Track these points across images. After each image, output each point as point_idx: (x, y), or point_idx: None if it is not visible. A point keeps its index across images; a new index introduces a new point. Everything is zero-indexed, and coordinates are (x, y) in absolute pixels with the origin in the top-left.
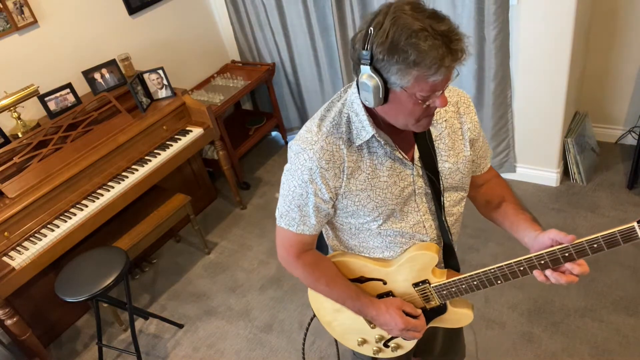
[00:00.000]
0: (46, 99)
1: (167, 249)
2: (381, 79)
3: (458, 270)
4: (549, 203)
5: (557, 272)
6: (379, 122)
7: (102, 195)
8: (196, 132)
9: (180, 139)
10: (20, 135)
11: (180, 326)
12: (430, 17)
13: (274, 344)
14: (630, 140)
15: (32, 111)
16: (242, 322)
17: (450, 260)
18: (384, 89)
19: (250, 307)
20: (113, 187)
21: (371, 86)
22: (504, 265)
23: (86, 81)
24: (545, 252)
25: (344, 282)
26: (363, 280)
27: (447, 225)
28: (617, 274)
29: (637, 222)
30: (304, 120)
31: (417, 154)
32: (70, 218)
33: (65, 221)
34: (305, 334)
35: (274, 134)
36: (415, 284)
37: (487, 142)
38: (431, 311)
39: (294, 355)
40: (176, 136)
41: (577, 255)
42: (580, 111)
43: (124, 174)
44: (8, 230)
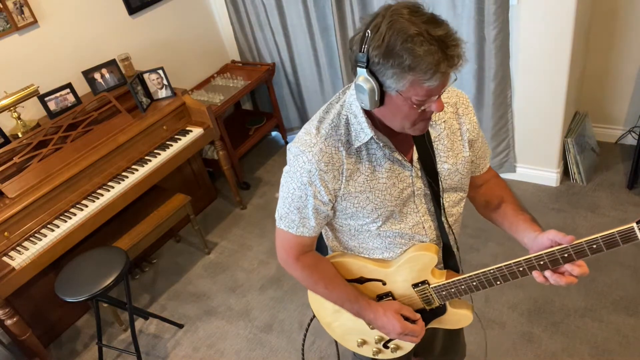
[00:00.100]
0: (46, 99)
1: (167, 249)
2: (377, 82)
3: (457, 271)
4: (549, 203)
5: (557, 274)
6: (377, 123)
7: (102, 195)
8: (196, 132)
9: (180, 139)
10: (20, 135)
11: (180, 326)
12: (427, 22)
13: (274, 344)
14: (630, 140)
15: (32, 111)
16: (242, 322)
17: (450, 261)
18: (380, 92)
19: (250, 307)
20: (113, 187)
21: (367, 89)
22: (503, 266)
23: (86, 81)
24: (544, 253)
25: (343, 284)
26: (362, 280)
27: (446, 225)
28: (617, 273)
29: (637, 222)
30: (304, 120)
31: (416, 155)
32: (70, 218)
33: (65, 221)
34: (305, 334)
35: (274, 134)
36: (415, 285)
37: (487, 142)
38: (430, 312)
39: (294, 355)
40: (176, 136)
41: (576, 255)
42: (580, 111)
43: (124, 174)
44: (8, 230)
